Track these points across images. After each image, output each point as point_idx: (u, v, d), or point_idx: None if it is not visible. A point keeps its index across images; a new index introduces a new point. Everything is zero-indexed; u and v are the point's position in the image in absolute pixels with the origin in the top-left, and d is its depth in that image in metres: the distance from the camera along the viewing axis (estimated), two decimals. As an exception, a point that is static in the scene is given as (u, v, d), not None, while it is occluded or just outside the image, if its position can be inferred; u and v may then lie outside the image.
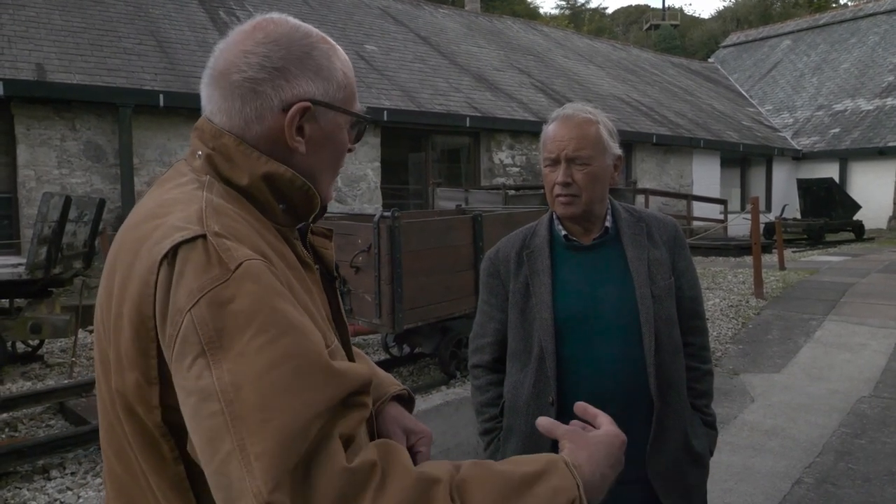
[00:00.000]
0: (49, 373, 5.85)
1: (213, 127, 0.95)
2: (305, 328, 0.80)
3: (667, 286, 1.65)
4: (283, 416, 0.72)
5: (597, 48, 24.53)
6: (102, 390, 0.91)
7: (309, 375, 0.76)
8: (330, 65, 0.99)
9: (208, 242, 0.81)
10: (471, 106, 13.72)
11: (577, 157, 1.58)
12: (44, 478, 3.76)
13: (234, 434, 0.72)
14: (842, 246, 15.36)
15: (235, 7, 14.38)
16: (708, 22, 50.05)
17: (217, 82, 0.96)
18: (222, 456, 0.72)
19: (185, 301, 0.77)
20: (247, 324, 0.76)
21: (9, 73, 8.82)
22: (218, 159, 0.94)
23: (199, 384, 0.74)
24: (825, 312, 7.60)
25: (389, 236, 4.67)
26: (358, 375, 0.82)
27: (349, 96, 1.01)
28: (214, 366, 0.74)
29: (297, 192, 0.96)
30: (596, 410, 1.05)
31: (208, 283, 0.78)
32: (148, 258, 0.82)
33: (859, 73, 23.19)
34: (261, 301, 0.77)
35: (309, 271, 0.99)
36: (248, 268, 0.79)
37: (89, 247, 6.13)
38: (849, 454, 4.05)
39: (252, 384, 0.73)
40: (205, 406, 0.74)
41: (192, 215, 0.84)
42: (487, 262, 1.79)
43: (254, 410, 0.72)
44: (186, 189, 0.91)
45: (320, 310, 0.96)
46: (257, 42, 0.95)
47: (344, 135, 1.02)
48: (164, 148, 10.04)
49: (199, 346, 0.75)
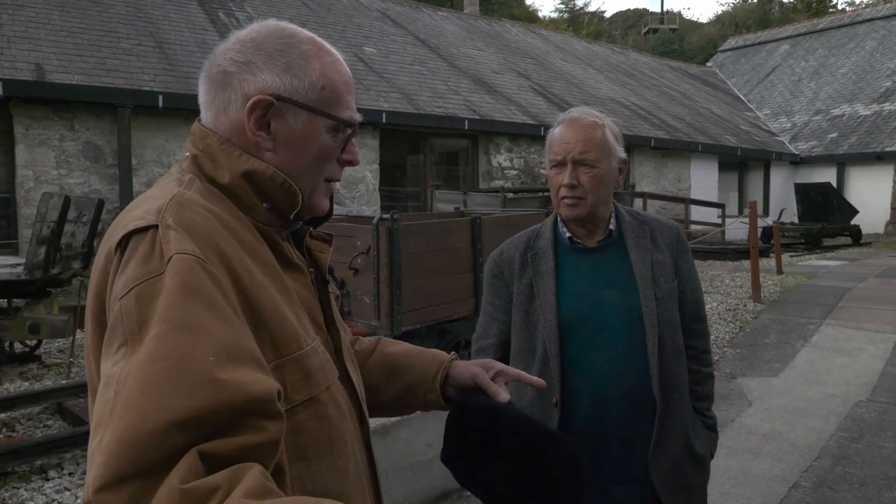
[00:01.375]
0: (47, 373, 5.83)
1: (201, 129, 0.99)
2: (204, 330, 0.74)
3: (670, 289, 1.66)
4: (133, 416, 0.68)
5: (595, 52, 24.58)
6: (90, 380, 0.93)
7: (178, 380, 0.70)
8: (305, 64, 0.97)
9: (157, 233, 0.81)
10: (469, 109, 13.73)
11: (583, 159, 1.59)
12: (42, 478, 3.75)
13: (107, 423, 0.69)
14: (839, 250, 15.40)
15: (235, 9, 14.39)
16: (706, 26, 50.17)
17: (202, 79, 1.00)
18: (96, 443, 0.70)
19: (120, 290, 0.78)
20: (155, 317, 0.75)
21: (8, 73, 8.81)
22: (203, 159, 0.96)
23: (111, 370, 0.74)
24: (822, 317, 7.62)
25: (388, 238, 4.67)
26: (253, 392, 0.73)
27: (328, 99, 0.98)
28: (127, 357, 0.74)
29: (279, 189, 0.95)
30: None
31: (143, 275, 0.78)
32: (106, 245, 0.85)
33: (857, 78, 23.26)
34: (170, 295, 0.76)
35: (298, 273, 0.99)
36: (175, 261, 0.79)
37: (88, 247, 6.12)
38: (846, 458, 4.06)
39: (132, 377, 0.71)
40: (106, 392, 0.73)
41: (154, 207, 0.86)
42: (491, 263, 1.79)
43: (121, 404, 0.69)
44: (167, 187, 0.93)
45: (299, 311, 0.94)
46: (240, 40, 0.98)
47: (324, 138, 0.99)
48: (163, 149, 10.03)
49: (124, 335, 0.75)
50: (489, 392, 1.15)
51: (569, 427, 1.61)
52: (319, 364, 0.93)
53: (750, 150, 19.57)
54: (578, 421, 1.61)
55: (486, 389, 1.16)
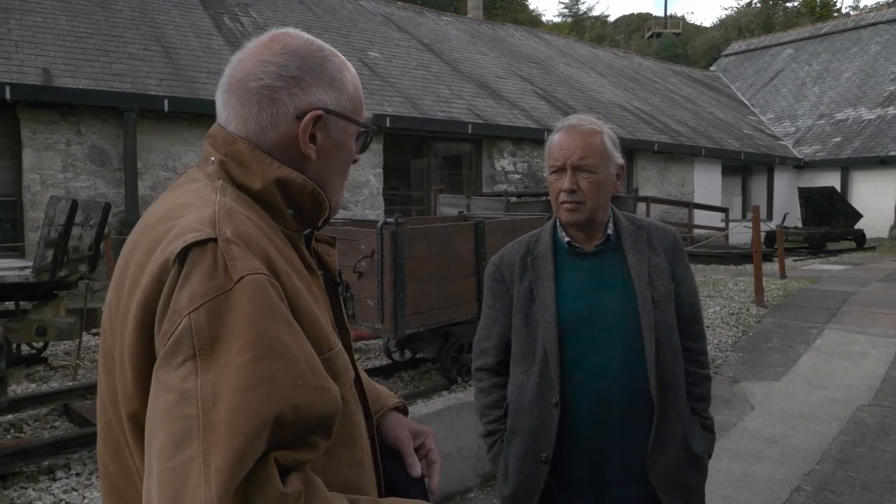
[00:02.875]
0: (54, 375, 5.88)
1: (226, 134, 0.99)
2: (290, 352, 0.82)
3: (667, 292, 1.69)
4: (245, 438, 0.75)
5: (599, 56, 24.62)
6: (103, 389, 0.93)
7: (275, 406, 0.77)
8: (342, 77, 1.03)
9: (218, 247, 0.83)
10: (473, 113, 13.77)
11: (582, 165, 1.63)
12: (49, 478, 3.79)
13: (202, 441, 0.74)
14: (843, 255, 15.38)
15: (240, 13, 14.46)
16: (710, 30, 50.18)
17: (234, 90, 0.99)
18: (184, 459, 0.74)
19: (186, 304, 0.80)
20: (237, 339, 0.78)
21: (15, 77, 8.88)
22: (231, 164, 0.97)
23: (183, 385, 0.77)
24: (825, 321, 7.62)
25: (392, 242, 4.70)
26: (324, 411, 0.84)
27: (357, 107, 1.06)
28: (202, 372, 0.77)
29: (308, 197, 0.99)
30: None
31: (211, 290, 0.80)
32: (161, 256, 0.84)
33: (861, 83, 23.25)
34: (254, 319, 0.80)
35: (314, 276, 1.02)
36: (249, 282, 0.81)
37: (94, 250, 6.16)
38: (848, 462, 4.07)
39: (228, 399, 0.76)
40: (182, 407, 0.76)
41: (206, 218, 0.87)
42: (492, 267, 1.83)
43: (223, 424, 0.75)
44: (201, 192, 0.94)
45: (324, 314, 0.98)
46: (275, 52, 0.99)
47: (351, 144, 1.06)
48: (168, 152, 10.09)
49: (192, 349, 0.78)
50: (405, 462, 1.15)
51: (568, 428, 1.64)
52: (344, 363, 0.98)
53: (753, 155, 19.57)
54: (578, 421, 1.64)
55: (403, 458, 1.15)
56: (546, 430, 1.64)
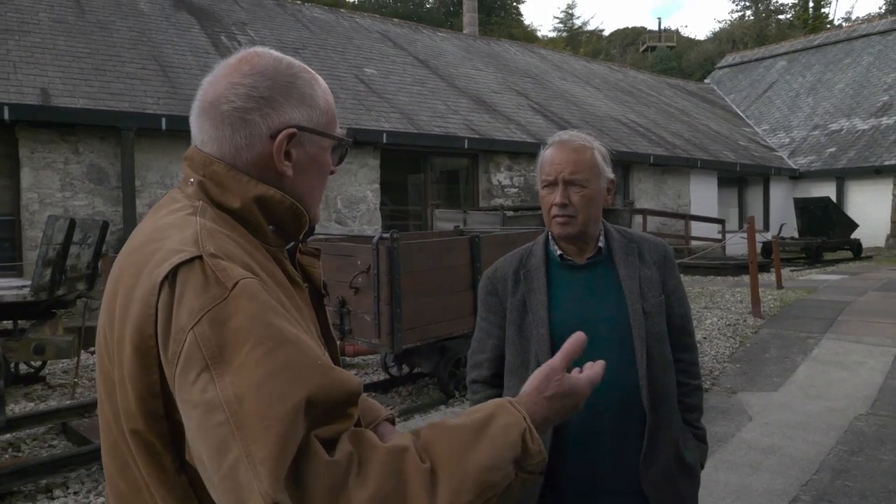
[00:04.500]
0: (51, 393, 5.88)
1: (202, 155, 1.01)
2: (300, 340, 0.84)
3: (657, 303, 1.71)
4: (281, 424, 0.76)
5: (594, 70, 24.79)
6: (105, 409, 0.95)
7: (302, 387, 0.80)
8: (313, 92, 1.05)
9: (205, 263, 0.85)
10: (469, 128, 13.85)
11: (573, 179, 1.66)
12: (47, 497, 3.78)
13: (240, 441, 0.76)
14: (840, 264, 15.42)
15: (237, 32, 14.58)
16: (704, 43, 50.50)
17: (207, 113, 1.02)
18: (230, 462, 0.76)
19: (186, 320, 0.81)
20: (245, 338, 0.80)
21: (14, 97, 8.94)
22: (209, 185, 1.00)
23: (204, 397, 0.78)
24: (823, 331, 7.64)
25: (388, 257, 4.73)
26: (350, 388, 0.86)
27: (330, 121, 1.08)
28: (218, 379, 0.79)
29: (287, 212, 1.02)
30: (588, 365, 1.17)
31: (208, 302, 0.82)
32: (148, 281, 0.86)
33: (854, 93, 23.42)
34: (257, 317, 0.82)
35: (298, 289, 1.04)
36: (244, 286, 0.84)
37: (92, 269, 6.18)
38: (846, 472, 4.07)
39: (253, 394, 0.77)
40: (211, 417, 0.78)
41: (189, 238, 0.89)
42: (486, 280, 1.85)
43: (255, 419, 0.76)
44: (180, 214, 0.96)
45: (310, 326, 1.00)
46: (244, 74, 1.01)
47: (327, 157, 1.09)
48: (166, 171, 10.13)
49: (203, 361, 0.79)
50: None
51: (562, 438, 1.65)
52: None
53: (749, 166, 19.67)
54: (571, 432, 1.65)
55: None
56: None
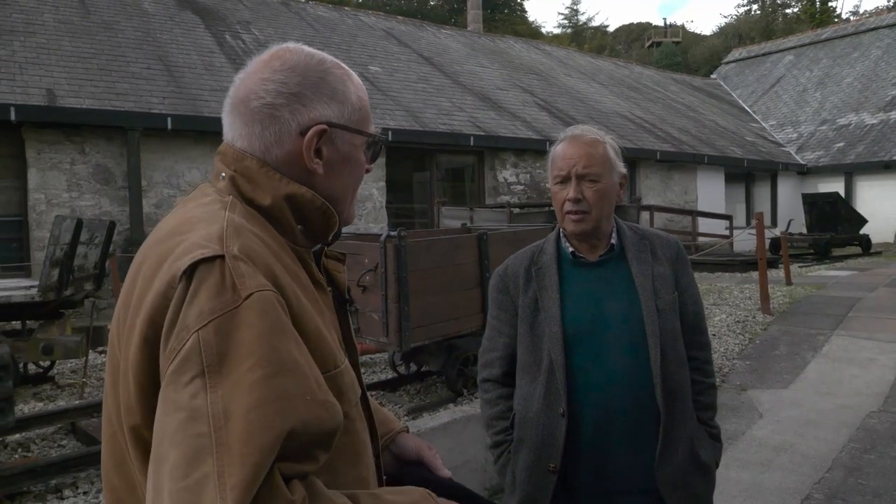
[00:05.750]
0: (60, 393, 5.88)
1: (235, 151, 0.99)
2: (300, 368, 0.82)
3: (671, 301, 1.69)
4: (260, 455, 0.75)
5: (599, 66, 24.71)
6: (109, 402, 0.93)
7: (288, 421, 0.78)
8: (344, 89, 1.03)
9: (226, 264, 0.83)
10: (475, 125, 13.82)
11: (587, 174, 1.63)
12: (57, 497, 3.78)
13: (216, 459, 0.74)
14: (849, 260, 15.32)
15: (241, 31, 14.58)
16: (710, 38, 50.31)
17: (237, 109, 1.00)
18: (198, 476, 0.73)
19: (194, 320, 0.79)
20: (248, 355, 0.78)
21: (20, 98, 8.97)
22: (241, 181, 0.98)
23: (192, 402, 0.76)
24: (832, 327, 7.58)
25: (396, 255, 4.70)
26: (330, 426, 0.84)
27: (364, 118, 1.05)
28: (211, 389, 0.76)
29: (317, 212, 0.99)
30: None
31: (220, 307, 0.80)
32: (168, 272, 0.84)
33: (863, 87, 23.27)
34: (264, 335, 0.80)
35: (322, 293, 1.01)
36: (258, 299, 0.81)
37: (100, 269, 6.19)
38: (858, 470, 4.04)
39: (241, 416, 0.75)
40: (193, 425, 0.75)
41: (214, 234, 0.87)
42: (496, 278, 1.83)
43: (237, 442, 0.74)
44: (210, 208, 0.94)
45: (331, 331, 0.98)
46: (274, 70, 0.99)
47: (360, 155, 1.06)
48: (172, 170, 10.15)
49: (200, 366, 0.77)
50: (432, 466, 1.18)
51: (576, 437, 1.63)
52: (350, 381, 0.97)
53: (756, 161, 19.57)
54: (585, 431, 1.63)
55: (429, 464, 1.19)
56: (554, 439, 1.64)
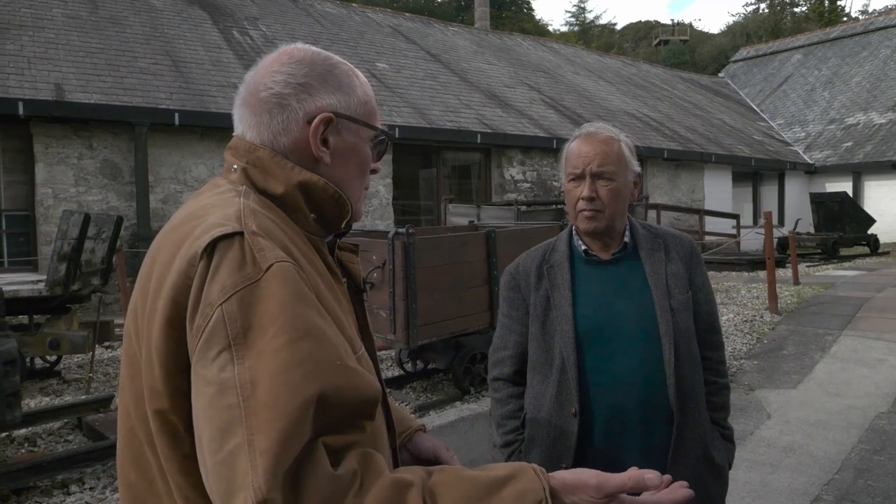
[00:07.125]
0: (67, 388, 5.90)
1: (246, 143, 1.01)
2: (325, 335, 0.83)
3: (685, 300, 1.67)
4: (288, 419, 0.75)
5: (606, 64, 24.63)
6: (126, 396, 0.93)
7: (315, 385, 0.78)
8: (350, 82, 1.06)
9: (245, 240, 0.84)
10: (481, 122, 13.79)
11: (601, 172, 1.62)
12: (63, 492, 3.78)
13: (245, 428, 0.74)
14: (857, 260, 15.25)
15: (249, 27, 14.58)
16: (717, 37, 50.10)
17: (246, 101, 1.03)
18: (231, 447, 0.74)
19: (217, 295, 0.80)
20: (271, 324, 0.79)
21: (28, 93, 8.98)
22: (253, 171, 0.99)
23: (220, 376, 0.77)
24: (841, 327, 7.54)
25: (404, 253, 4.70)
26: (366, 394, 0.84)
27: (370, 112, 1.07)
28: (238, 361, 0.77)
29: (329, 200, 1.01)
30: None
31: (241, 281, 0.81)
32: (188, 252, 0.85)
33: (871, 87, 23.13)
34: (286, 303, 0.81)
35: (337, 282, 1.03)
36: (278, 269, 0.83)
37: (107, 263, 6.19)
38: (868, 471, 4.01)
39: (267, 383, 0.76)
40: (223, 398, 0.76)
41: (231, 214, 0.89)
42: (508, 276, 1.81)
43: (264, 408, 0.75)
44: (224, 196, 0.96)
45: (349, 319, 0.99)
46: (283, 63, 1.03)
47: (366, 150, 1.07)
48: (179, 165, 10.16)
49: (226, 340, 0.78)
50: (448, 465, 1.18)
51: (587, 437, 1.62)
52: (368, 368, 0.97)
53: (764, 160, 19.48)
54: (597, 430, 1.62)
55: (446, 462, 1.21)
56: (565, 439, 1.62)
